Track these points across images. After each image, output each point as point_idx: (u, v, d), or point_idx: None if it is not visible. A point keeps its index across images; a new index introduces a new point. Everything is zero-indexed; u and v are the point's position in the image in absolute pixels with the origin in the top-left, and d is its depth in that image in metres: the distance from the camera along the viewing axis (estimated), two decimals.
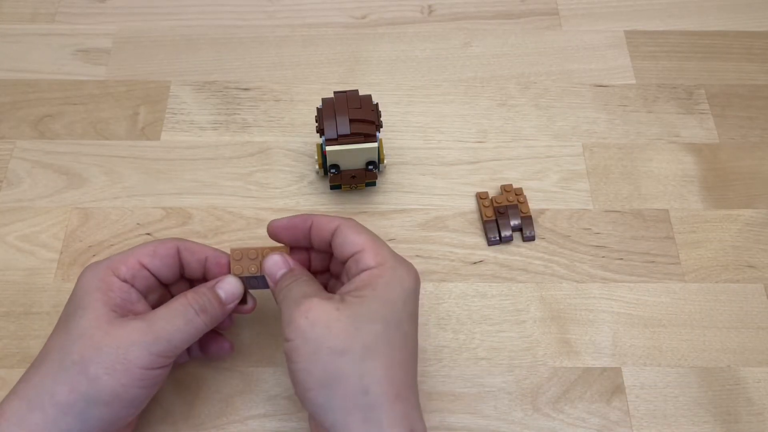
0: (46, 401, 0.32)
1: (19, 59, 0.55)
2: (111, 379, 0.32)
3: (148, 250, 0.36)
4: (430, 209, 0.48)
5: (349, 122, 0.42)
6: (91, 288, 0.34)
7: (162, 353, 0.33)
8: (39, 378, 0.33)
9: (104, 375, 0.32)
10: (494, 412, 0.41)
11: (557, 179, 0.50)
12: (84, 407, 0.32)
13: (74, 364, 0.32)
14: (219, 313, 0.36)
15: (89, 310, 0.34)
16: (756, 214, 0.49)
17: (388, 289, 0.34)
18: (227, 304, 0.36)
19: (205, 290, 0.36)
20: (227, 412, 0.41)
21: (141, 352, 0.33)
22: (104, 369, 0.32)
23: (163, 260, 0.37)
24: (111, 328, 0.33)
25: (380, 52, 0.56)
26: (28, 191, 0.48)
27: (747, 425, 0.41)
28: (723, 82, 0.54)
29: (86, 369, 0.32)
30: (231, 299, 0.37)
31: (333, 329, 0.32)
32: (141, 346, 0.33)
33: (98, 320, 0.33)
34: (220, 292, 0.36)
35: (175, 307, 0.35)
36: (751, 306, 0.45)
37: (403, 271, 0.35)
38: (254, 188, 0.49)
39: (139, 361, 0.33)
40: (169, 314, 0.34)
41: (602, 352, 0.43)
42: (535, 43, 0.56)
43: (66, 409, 0.32)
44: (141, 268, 0.36)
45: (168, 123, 0.52)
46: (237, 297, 0.37)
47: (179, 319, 0.34)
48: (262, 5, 0.58)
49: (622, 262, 0.46)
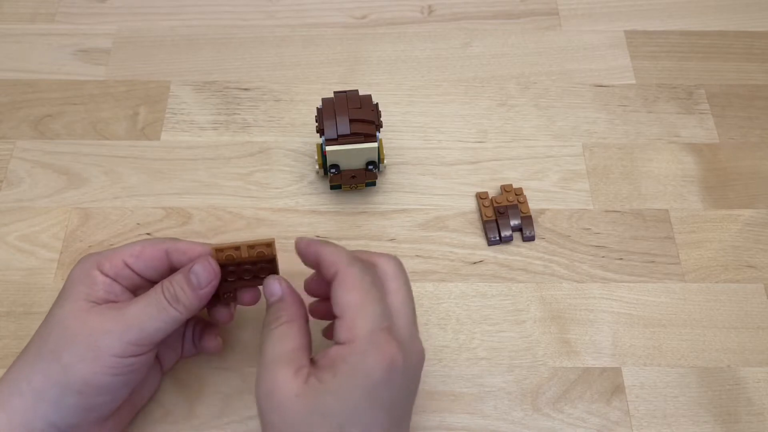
0: (24, 387, 0.33)
1: (19, 59, 0.55)
2: (83, 367, 0.33)
3: (134, 250, 0.36)
4: (430, 209, 0.48)
5: (349, 122, 0.42)
6: (76, 280, 0.35)
7: (134, 341, 0.33)
8: (20, 364, 0.34)
9: (77, 363, 0.33)
10: (494, 412, 0.41)
11: (557, 179, 0.50)
12: (58, 394, 0.33)
13: (50, 352, 0.33)
14: (193, 300, 0.35)
15: (69, 300, 0.34)
16: (756, 214, 0.49)
17: (349, 380, 0.31)
18: (200, 289, 0.35)
19: (178, 278, 0.35)
20: (227, 412, 0.41)
21: (112, 341, 0.33)
22: (77, 357, 0.33)
23: (148, 262, 0.36)
24: (86, 316, 0.33)
25: (380, 52, 0.56)
26: (28, 191, 0.48)
27: (747, 425, 0.41)
28: (723, 82, 0.55)
29: (59, 357, 0.33)
30: (204, 283, 0.35)
31: (287, 419, 0.31)
32: (113, 334, 0.33)
33: (76, 310, 0.34)
34: (191, 277, 0.35)
35: (149, 296, 0.35)
36: (751, 306, 0.45)
37: (372, 358, 0.31)
38: (254, 188, 0.49)
39: (110, 349, 0.33)
40: (142, 303, 0.34)
41: (602, 352, 0.43)
42: (535, 43, 0.56)
43: (41, 395, 0.33)
44: (124, 267, 0.36)
45: (168, 123, 0.52)
46: (210, 281, 0.35)
47: (152, 307, 0.34)
48: (262, 5, 0.58)
49: (622, 262, 0.46)
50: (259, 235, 0.47)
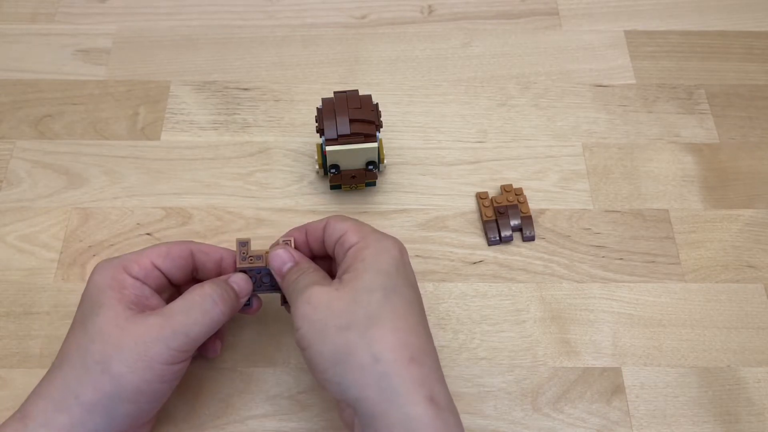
0: (71, 402, 0.32)
1: (19, 59, 0.55)
2: (134, 377, 0.32)
3: (161, 251, 0.37)
4: (430, 209, 0.48)
5: (349, 122, 0.42)
6: (105, 286, 0.35)
7: (180, 348, 0.34)
8: (62, 379, 0.33)
9: (127, 373, 0.32)
10: (494, 412, 0.41)
11: (557, 179, 0.50)
12: (109, 405, 0.32)
13: (96, 364, 0.33)
14: (235, 304, 0.36)
15: (105, 308, 0.34)
16: (756, 214, 0.49)
17: (377, 258, 0.34)
18: (241, 297, 0.37)
19: (221, 282, 0.36)
20: (227, 412, 0.41)
21: (161, 348, 0.33)
22: (127, 367, 0.32)
23: (176, 261, 0.37)
24: (129, 325, 0.33)
25: (380, 52, 0.56)
26: (28, 191, 0.48)
27: (747, 425, 0.41)
28: (723, 82, 0.54)
29: (109, 368, 0.32)
30: (244, 293, 0.37)
31: (335, 308, 0.32)
32: (160, 342, 0.33)
33: (116, 318, 0.33)
34: (234, 285, 0.37)
35: (192, 299, 0.35)
36: (751, 306, 0.45)
37: (387, 242, 0.35)
38: (254, 188, 0.49)
39: (159, 357, 0.33)
40: (186, 306, 0.34)
41: (602, 352, 0.43)
42: (535, 43, 0.56)
43: (92, 409, 0.32)
44: (153, 269, 0.36)
45: (168, 123, 0.52)
46: (248, 292, 0.38)
47: (196, 310, 0.34)
48: (262, 5, 0.58)
49: (622, 262, 0.46)
50: (260, 234, 0.47)
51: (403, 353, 0.31)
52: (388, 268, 0.34)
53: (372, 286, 0.33)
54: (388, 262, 0.34)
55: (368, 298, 0.32)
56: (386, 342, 0.31)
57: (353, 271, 0.34)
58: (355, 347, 0.31)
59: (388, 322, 0.32)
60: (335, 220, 0.37)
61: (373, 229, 0.36)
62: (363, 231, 0.36)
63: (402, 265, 0.35)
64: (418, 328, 0.33)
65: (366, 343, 0.31)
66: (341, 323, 0.32)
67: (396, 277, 0.34)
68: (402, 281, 0.34)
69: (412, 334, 0.32)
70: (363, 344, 0.31)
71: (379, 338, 0.31)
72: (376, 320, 0.32)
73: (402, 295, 0.34)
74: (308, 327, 0.33)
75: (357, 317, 0.32)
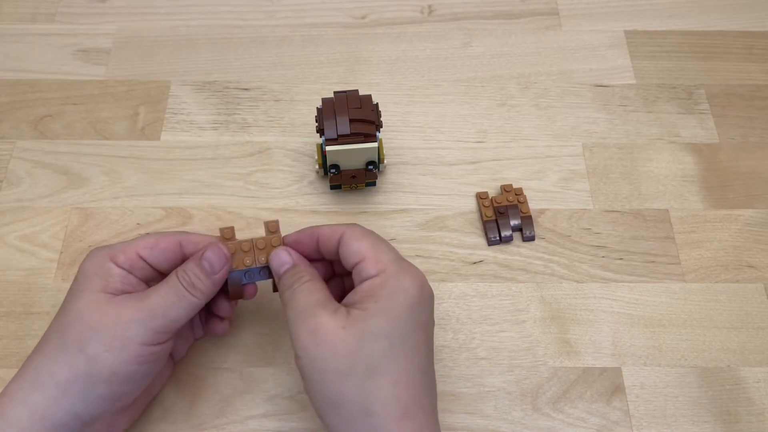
0: (46, 381, 0.33)
1: (19, 59, 0.55)
2: (110, 356, 0.33)
3: (148, 242, 0.37)
4: (430, 209, 0.48)
5: (349, 122, 0.42)
6: (91, 273, 0.35)
7: (159, 329, 0.34)
8: (39, 359, 0.34)
9: (103, 353, 0.33)
10: (494, 412, 0.41)
11: (557, 179, 0.50)
12: (84, 386, 0.33)
13: (73, 343, 0.33)
14: (209, 285, 0.36)
15: (87, 292, 0.34)
16: (756, 214, 0.49)
17: (391, 301, 0.33)
18: (214, 274, 0.36)
19: (191, 265, 0.36)
20: (227, 412, 0.41)
21: (139, 329, 0.33)
22: (103, 347, 0.33)
23: (163, 253, 0.37)
24: (107, 308, 0.34)
25: (380, 52, 0.56)
26: (28, 191, 0.48)
27: (747, 425, 0.41)
28: (723, 82, 0.54)
29: (85, 348, 0.33)
30: (216, 268, 0.36)
31: (338, 350, 0.32)
32: (138, 322, 0.33)
33: (96, 302, 0.34)
34: (204, 263, 0.36)
35: (168, 284, 0.35)
36: (751, 306, 0.45)
37: (406, 280, 0.34)
38: (254, 188, 0.49)
39: (137, 337, 0.33)
40: (162, 291, 0.35)
41: (602, 352, 0.43)
42: (535, 43, 0.56)
43: (67, 388, 0.33)
44: (139, 259, 0.36)
45: (168, 123, 0.52)
46: (222, 265, 0.36)
47: (172, 295, 0.35)
48: (262, 5, 0.58)
49: (622, 262, 0.46)
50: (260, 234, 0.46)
51: (396, 408, 0.31)
52: (401, 313, 0.33)
53: (380, 332, 0.32)
54: (402, 305, 0.33)
55: (372, 345, 0.32)
56: (381, 396, 0.31)
57: (364, 309, 0.33)
58: (350, 397, 0.31)
59: (387, 375, 0.32)
60: (352, 239, 0.36)
61: (393, 259, 0.35)
62: (382, 262, 0.34)
63: (418, 305, 0.34)
64: (418, 377, 0.33)
65: (361, 394, 0.31)
66: (341, 368, 0.32)
67: (407, 322, 0.33)
68: (412, 326, 0.33)
69: (409, 387, 0.32)
70: (358, 396, 0.31)
71: (374, 391, 0.31)
72: (376, 372, 0.32)
73: (408, 342, 0.33)
74: (309, 362, 0.32)
75: (357, 366, 0.32)
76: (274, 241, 0.38)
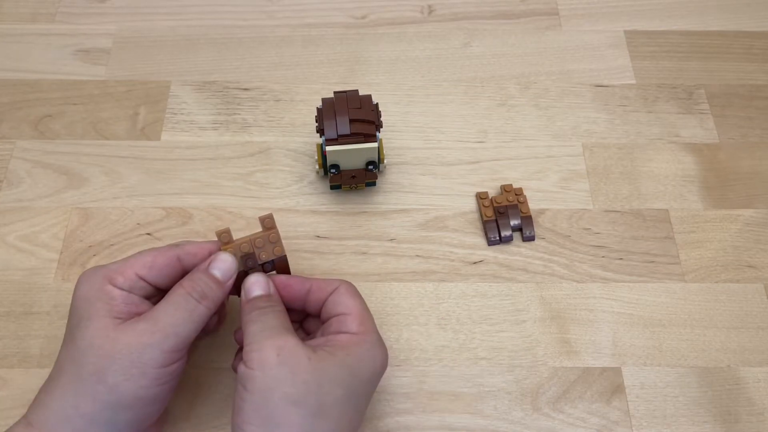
0: (72, 413, 0.32)
1: (19, 59, 0.55)
2: (130, 384, 0.32)
3: (145, 261, 0.36)
4: (430, 209, 0.48)
5: (349, 122, 0.42)
6: (92, 298, 0.34)
7: (173, 348, 0.33)
8: (60, 391, 0.33)
9: (123, 381, 0.32)
10: (494, 412, 0.41)
11: (557, 179, 0.50)
12: (110, 414, 0.33)
13: (91, 375, 0.32)
14: (219, 295, 0.36)
15: (93, 320, 0.33)
16: (756, 214, 0.49)
17: (361, 362, 0.34)
18: (225, 283, 0.36)
19: (200, 275, 0.35)
20: (227, 412, 0.41)
21: (153, 353, 0.33)
22: (122, 376, 0.32)
23: (162, 271, 0.36)
24: (118, 334, 0.33)
25: (380, 52, 0.56)
26: (28, 191, 0.48)
27: (747, 425, 0.41)
28: (723, 82, 0.55)
29: (104, 378, 0.32)
30: (227, 276, 0.36)
31: (297, 377, 0.32)
32: (152, 346, 0.33)
33: (105, 329, 0.33)
34: (215, 272, 0.36)
35: (175, 300, 0.34)
36: (751, 306, 0.45)
37: (380, 352, 0.35)
38: (254, 188, 0.49)
39: (154, 362, 0.33)
40: (170, 308, 0.34)
41: (602, 352, 0.43)
42: (535, 43, 0.56)
43: (93, 419, 0.32)
44: (138, 279, 0.35)
45: (168, 123, 0.52)
46: (233, 273, 0.36)
47: (181, 311, 0.34)
48: (262, 5, 0.58)
49: (622, 262, 0.46)
50: None
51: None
52: (364, 376, 0.34)
53: (341, 382, 0.33)
54: (368, 370, 0.34)
55: (330, 389, 0.32)
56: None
57: (333, 354, 0.33)
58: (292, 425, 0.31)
59: (332, 422, 0.32)
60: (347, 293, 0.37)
61: (375, 329, 0.36)
62: (366, 325, 0.35)
63: (377, 376, 0.35)
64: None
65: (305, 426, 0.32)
66: (292, 396, 0.32)
67: (366, 386, 0.35)
68: (365, 391, 0.35)
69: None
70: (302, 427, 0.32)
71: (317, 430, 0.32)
72: (325, 414, 0.32)
73: (358, 403, 0.34)
74: (260, 375, 0.32)
75: (310, 401, 0.32)
76: (271, 237, 0.38)
